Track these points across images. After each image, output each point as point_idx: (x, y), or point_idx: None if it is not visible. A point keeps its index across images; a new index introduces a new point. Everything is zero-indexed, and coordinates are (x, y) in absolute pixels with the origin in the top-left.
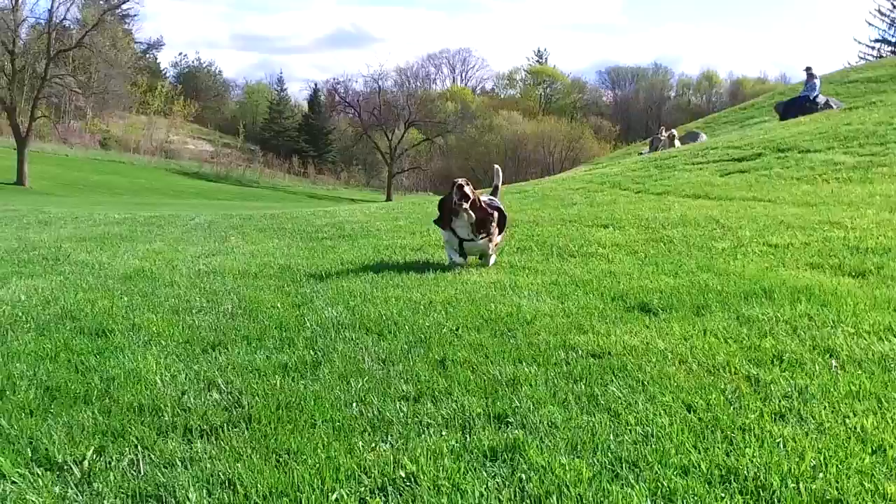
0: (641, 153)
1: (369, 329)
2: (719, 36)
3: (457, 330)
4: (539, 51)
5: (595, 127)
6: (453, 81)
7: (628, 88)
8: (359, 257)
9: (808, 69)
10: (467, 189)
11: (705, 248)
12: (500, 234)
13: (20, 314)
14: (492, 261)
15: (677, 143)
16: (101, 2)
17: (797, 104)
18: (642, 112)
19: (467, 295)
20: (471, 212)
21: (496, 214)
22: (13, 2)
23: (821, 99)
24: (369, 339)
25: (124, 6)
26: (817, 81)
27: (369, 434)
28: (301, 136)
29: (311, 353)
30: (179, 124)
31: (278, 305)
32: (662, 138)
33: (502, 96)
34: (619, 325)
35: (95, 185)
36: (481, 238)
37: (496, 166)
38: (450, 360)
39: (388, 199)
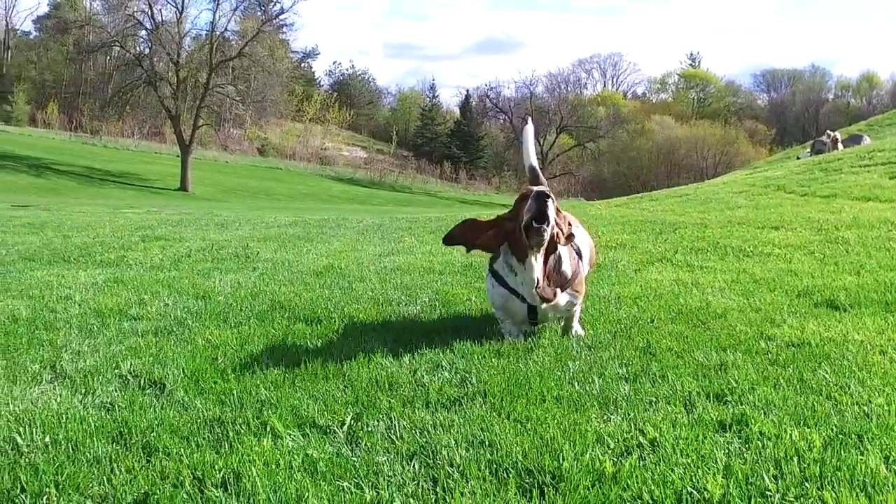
0: (799, 156)
1: None
2: (878, 37)
3: (652, 321)
4: (692, 54)
5: (749, 131)
6: (604, 86)
7: (784, 91)
8: None
9: None
10: (551, 206)
11: (884, 248)
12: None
13: (233, 303)
14: (576, 323)
15: (840, 146)
16: (260, 14)
17: None
18: (799, 115)
19: (653, 291)
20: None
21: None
22: (177, 15)
23: None
24: None
25: (281, 17)
26: None
27: (598, 408)
28: (453, 141)
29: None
30: (334, 132)
31: (473, 298)
32: (826, 141)
33: (654, 101)
34: (810, 320)
35: (255, 191)
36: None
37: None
38: (655, 347)
39: None
